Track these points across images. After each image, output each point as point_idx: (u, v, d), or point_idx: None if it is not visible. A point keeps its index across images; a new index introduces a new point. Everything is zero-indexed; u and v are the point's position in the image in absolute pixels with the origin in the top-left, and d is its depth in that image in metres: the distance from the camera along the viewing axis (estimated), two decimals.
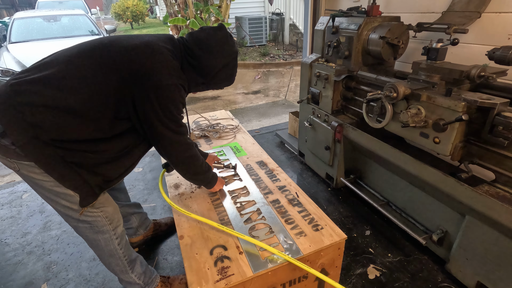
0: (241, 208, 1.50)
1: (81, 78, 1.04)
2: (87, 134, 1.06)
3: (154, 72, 1.08)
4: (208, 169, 1.48)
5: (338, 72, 2.11)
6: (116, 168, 1.20)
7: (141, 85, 1.07)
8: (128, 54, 1.08)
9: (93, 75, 1.04)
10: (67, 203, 1.14)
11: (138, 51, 1.09)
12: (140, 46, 1.10)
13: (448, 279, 1.66)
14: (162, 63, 1.11)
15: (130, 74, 1.06)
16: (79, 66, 1.05)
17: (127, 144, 1.18)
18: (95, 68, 1.05)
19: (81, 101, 1.03)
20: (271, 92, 5.65)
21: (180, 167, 1.37)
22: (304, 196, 1.59)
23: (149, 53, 1.10)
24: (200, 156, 1.41)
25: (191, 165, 1.37)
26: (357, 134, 2.02)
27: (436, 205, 1.69)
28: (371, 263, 1.79)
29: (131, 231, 1.85)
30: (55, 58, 1.09)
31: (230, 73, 1.31)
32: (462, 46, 1.93)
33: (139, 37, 1.16)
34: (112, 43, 1.11)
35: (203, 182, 1.52)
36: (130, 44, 1.10)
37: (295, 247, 1.25)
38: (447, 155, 1.40)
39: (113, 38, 1.15)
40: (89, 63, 1.06)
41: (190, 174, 1.42)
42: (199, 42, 1.22)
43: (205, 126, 2.45)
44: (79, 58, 1.07)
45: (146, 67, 1.07)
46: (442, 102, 1.35)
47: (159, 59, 1.11)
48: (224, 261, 1.20)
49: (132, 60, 1.07)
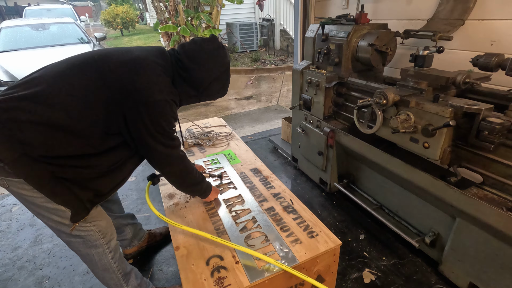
0: (236, 217, 1.50)
1: (70, 94, 1.03)
2: (77, 150, 1.05)
3: (144, 89, 1.08)
4: (202, 179, 1.49)
5: (328, 79, 2.14)
6: (108, 182, 1.19)
7: (132, 102, 1.06)
8: (118, 71, 1.08)
9: (83, 92, 1.04)
10: (58, 219, 1.12)
11: (128, 68, 1.09)
12: (130, 62, 1.10)
13: (441, 281, 1.69)
14: (152, 79, 1.11)
15: (121, 91, 1.06)
16: (68, 83, 1.04)
17: (118, 158, 1.18)
18: (85, 84, 1.05)
19: (71, 118, 1.02)
20: (264, 97, 5.68)
21: (175, 180, 1.37)
22: (299, 203, 1.60)
23: (139, 69, 1.10)
24: (193, 167, 1.41)
25: (185, 177, 1.37)
26: (349, 140, 2.05)
27: (427, 208, 1.72)
28: (366, 267, 1.80)
29: (125, 242, 1.83)
30: (43, 73, 1.08)
31: (222, 84, 1.32)
32: (448, 52, 1.99)
33: (129, 52, 1.16)
34: (102, 58, 1.10)
35: (198, 192, 1.51)
36: (120, 60, 1.10)
37: (291, 255, 1.26)
38: (437, 159, 1.44)
39: (103, 52, 1.14)
40: (79, 80, 1.05)
41: (185, 186, 1.42)
42: (190, 55, 1.22)
43: (198, 134, 2.45)
44: (68, 74, 1.06)
45: (136, 84, 1.07)
46: (430, 108, 1.39)
47: (149, 76, 1.11)
48: (221, 271, 1.20)
49: (122, 77, 1.07)
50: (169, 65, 1.20)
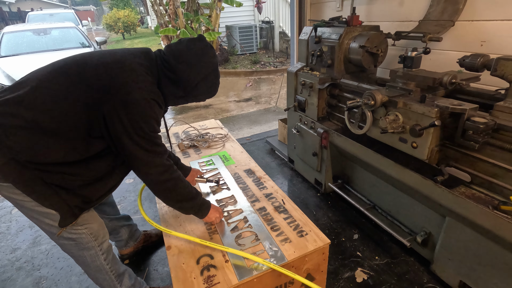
0: (228, 217, 1.52)
1: (52, 96, 1.03)
2: (63, 155, 1.05)
3: (122, 87, 1.05)
4: (196, 195, 1.34)
5: (322, 80, 2.17)
6: (96, 190, 1.19)
7: (110, 101, 1.04)
8: (98, 71, 1.07)
9: (64, 93, 1.04)
10: (50, 222, 1.15)
11: (108, 67, 1.08)
12: (111, 62, 1.10)
13: (433, 280, 1.70)
14: (132, 78, 1.08)
15: (99, 90, 1.05)
16: (50, 85, 1.05)
17: (106, 165, 1.18)
18: (66, 86, 1.05)
19: (54, 121, 1.02)
20: (263, 99, 5.72)
21: (158, 192, 1.24)
22: (290, 203, 1.62)
23: (119, 68, 1.09)
24: (184, 181, 1.28)
25: (171, 190, 1.24)
26: (342, 140, 2.07)
27: (418, 207, 1.74)
28: (358, 267, 1.82)
29: (121, 243, 1.86)
30: (29, 77, 1.09)
31: (210, 85, 1.27)
32: (438, 53, 2.02)
33: (112, 53, 1.15)
34: (84, 59, 1.11)
35: (191, 210, 1.36)
36: (101, 61, 1.10)
37: (280, 253, 1.28)
38: (425, 158, 1.46)
39: (86, 55, 1.15)
40: (61, 81, 1.05)
41: (172, 201, 1.29)
42: (177, 55, 1.19)
43: (194, 136, 2.48)
44: (50, 76, 1.07)
45: (115, 82, 1.06)
46: (417, 108, 1.41)
47: (129, 74, 1.08)
48: (210, 269, 1.22)
49: (101, 77, 1.06)
50: (154, 66, 1.18)
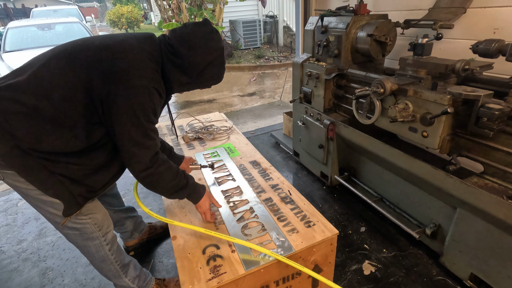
0: (234, 207, 1.50)
1: (52, 81, 1.01)
2: (65, 144, 1.03)
3: (123, 72, 1.01)
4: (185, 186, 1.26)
5: (328, 70, 2.13)
6: (99, 179, 1.18)
7: (109, 85, 1.00)
8: (99, 54, 1.04)
9: (63, 78, 1.01)
10: (54, 211, 1.14)
11: (110, 50, 1.05)
12: (113, 45, 1.06)
13: (443, 272, 1.67)
14: (134, 63, 1.04)
15: (99, 74, 1.01)
16: (50, 69, 1.02)
17: (108, 153, 1.16)
18: (66, 70, 1.02)
19: (54, 106, 1.00)
20: (267, 93, 5.67)
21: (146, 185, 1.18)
22: (297, 193, 1.59)
23: (121, 52, 1.04)
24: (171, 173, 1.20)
25: (153, 185, 1.19)
26: (349, 132, 2.04)
27: (428, 199, 1.70)
28: (366, 259, 1.79)
29: (126, 234, 1.85)
30: (30, 63, 1.06)
31: (217, 70, 1.22)
32: (449, 41, 1.96)
33: (114, 38, 1.11)
34: (85, 44, 1.08)
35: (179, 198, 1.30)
36: (103, 45, 1.06)
37: (287, 244, 1.26)
38: (436, 148, 1.42)
39: (87, 38, 1.11)
40: (61, 66, 1.02)
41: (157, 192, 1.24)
42: (182, 39, 1.14)
43: (199, 128, 2.46)
44: (51, 61, 1.04)
45: (115, 67, 1.01)
46: (428, 96, 1.37)
47: (130, 60, 1.04)
48: (217, 259, 1.20)
49: (102, 60, 1.03)
50: (157, 51, 1.13)
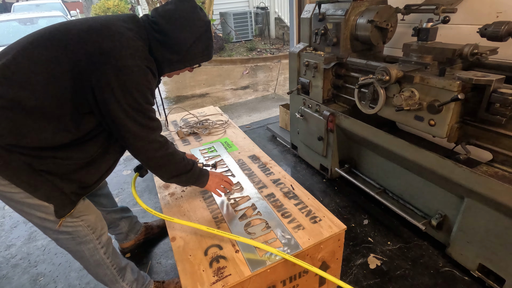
0: (235, 205, 1.43)
1: (32, 69, 0.92)
2: (51, 137, 0.94)
3: (113, 53, 0.94)
4: (193, 166, 1.27)
5: (327, 60, 2.05)
6: (92, 173, 1.09)
7: (99, 69, 0.92)
8: (83, 37, 0.95)
9: (45, 64, 0.92)
10: (42, 215, 1.04)
11: (94, 32, 0.96)
12: (97, 27, 0.98)
13: (449, 263, 1.64)
14: (122, 43, 0.96)
15: (86, 57, 0.93)
16: (29, 56, 0.93)
17: (100, 145, 1.07)
18: (47, 56, 0.93)
19: (37, 97, 0.91)
20: (260, 86, 5.58)
21: (155, 169, 1.16)
22: (300, 188, 1.53)
23: (107, 32, 0.96)
24: (179, 153, 1.23)
25: (169, 166, 1.17)
26: (350, 123, 1.97)
27: (433, 189, 1.66)
28: (371, 253, 1.75)
29: (121, 236, 1.77)
30: (6, 50, 0.96)
31: (205, 45, 1.15)
32: (450, 27, 1.90)
33: (95, 18, 1.03)
34: (65, 26, 0.99)
35: (190, 182, 1.29)
36: (85, 26, 0.98)
37: (294, 241, 1.20)
38: (444, 137, 1.37)
39: (67, 21, 1.03)
40: (40, 51, 0.93)
41: (168, 176, 1.20)
42: (166, 16, 1.07)
43: (193, 123, 2.37)
44: (29, 48, 0.94)
45: (103, 49, 0.94)
46: (436, 83, 1.31)
47: (118, 39, 0.96)
48: (220, 261, 1.13)
49: (87, 42, 0.94)
50: (142, 31, 1.06)
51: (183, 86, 5.80)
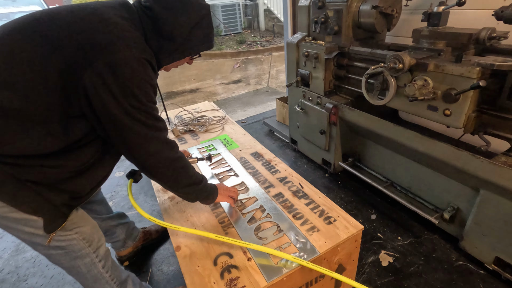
0: (242, 207, 1.33)
1: (13, 67, 0.79)
2: (37, 143, 0.82)
3: (107, 46, 0.82)
4: (203, 178, 1.16)
5: (328, 49, 1.96)
6: (85, 182, 0.97)
7: (91, 65, 0.79)
8: (72, 29, 0.82)
9: (28, 61, 0.79)
10: (31, 230, 0.92)
11: (84, 22, 0.84)
12: (86, 17, 0.85)
13: (463, 257, 1.60)
14: (117, 33, 0.85)
15: (76, 53, 0.80)
16: (8, 53, 0.80)
17: (94, 151, 0.95)
18: (29, 52, 0.80)
19: (19, 98, 0.78)
20: (252, 80, 5.45)
21: (167, 176, 1.01)
22: (309, 186, 1.44)
23: (98, 22, 0.85)
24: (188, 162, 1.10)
25: (182, 172, 1.04)
26: (355, 115, 1.89)
27: (445, 181, 1.60)
28: (382, 249, 1.69)
29: (118, 244, 1.65)
30: None
31: (206, 32, 1.03)
32: (454, 13, 1.82)
33: (82, 6, 0.90)
34: (49, 16, 0.85)
35: (201, 195, 1.16)
36: (73, 16, 0.85)
37: (309, 245, 1.11)
38: (460, 127, 1.30)
39: (50, 11, 0.88)
40: (21, 46, 0.80)
41: (181, 185, 1.07)
42: (162, 1, 0.95)
43: (189, 120, 2.24)
44: (6, 43, 0.81)
45: (96, 39, 0.82)
46: (452, 70, 1.23)
47: (112, 30, 0.84)
48: (232, 271, 1.04)
49: (76, 35, 0.82)
50: (136, 18, 0.94)
51: (172, 82, 5.62)
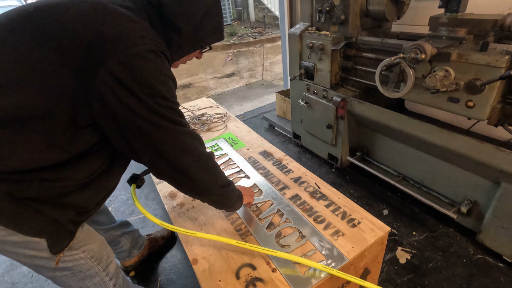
0: (258, 212, 1.25)
1: (7, 71, 0.67)
2: (37, 156, 0.71)
3: (119, 40, 0.70)
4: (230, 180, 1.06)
5: (335, 40, 1.87)
6: (92, 194, 0.86)
7: (103, 65, 0.68)
8: (74, 24, 0.70)
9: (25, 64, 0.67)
10: (33, 252, 0.81)
11: (87, 18, 0.71)
12: (88, 10, 0.72)
13: (480, 250, 1.57)
14: (128, 26, 0.73)
15: (83, 51, 0.68)
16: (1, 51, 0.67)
17: (103, 161, 0.84)
18: (24, 51, 0.68)
19: (16, 106, 0.66)
20: (246, 73, 5.32)
21: (201, 176, 0.87)
22: (326, 186, 1.37)
23: (104, 14, 0.72)
24: None
25: (216, 170, 0.94)
26: (364, 108, 1.82)
27: (461, 174, 1.56)
28: (398, 246, 1.65)
29: (123, 254, 1.55)
30: None
31: (216, 21, 0.92)
32: None
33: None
34: (44, 11, 0.72)
35: (234, 195, 1.06)
36: (72, 9, 0.72)
37: (336, 251, 1.04)
38: (485, 119, 1.24)
39: (44, 4, 0.74)
40: (14, 45, 0.68)
41: (218, 187, 0.95)
42: None
43: (189, 118, 2.13)
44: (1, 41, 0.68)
45: (104, 37, 0.69)
46: (478, 59, 1.16)
47: (121, 22, 0.72)
48: (257, 284, 0.96)
49: (81, 32, 0.69)
50: (141, 9, 0.81)
51: None
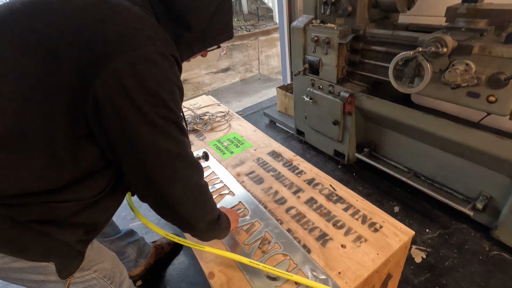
0: (243, 236, 1.18)
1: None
2: (39, 176, 0.62)
3: (124, 40, 0.60)
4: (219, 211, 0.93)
5: (342, 33, 1.79)
6: (101, 211, 0.78)
7: (105, 67, 0.57)
8: (71, 22, 0.60)
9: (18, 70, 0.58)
10: (40, 277, 0.74)
11: (88, 14, 0.61)
12: (89, 6, 0.62)
13: (495, 246, 1.55)
14: (134, 24, 0.63)
15: (82, 53, 0.58)
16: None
17: (109, 177, 0.75)
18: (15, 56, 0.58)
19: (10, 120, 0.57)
20: (242, 67, 5.22)
21: (190, 207, 0.74)
22: (342, 187, 1.31)
23: (104, 10, 0.62)
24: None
25: (208, 202, 0.82)
26: (374, 103, 1.76)
27: (477, 170, 1.52)
28: (412, 244, 1.61)
29: (129, 264, 1.47)
30: None
31: (228, 18, 0.84)
32: None
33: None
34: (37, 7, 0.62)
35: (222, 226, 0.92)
36: (70, 6, 0.61)
37: (332, 283, 0.98)
38: (507, 114, 1.19)
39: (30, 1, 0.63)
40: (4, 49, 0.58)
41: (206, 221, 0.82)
42: None
43: (190, 118, 2.04)
44: None
45: (107, 36, 0.60)
46: (502, 52, 1.11)
47: (126, 19, 0.62)
48: None
49: (81, 31, 0.59)
50: (147, 3, 0.71)
51: None
